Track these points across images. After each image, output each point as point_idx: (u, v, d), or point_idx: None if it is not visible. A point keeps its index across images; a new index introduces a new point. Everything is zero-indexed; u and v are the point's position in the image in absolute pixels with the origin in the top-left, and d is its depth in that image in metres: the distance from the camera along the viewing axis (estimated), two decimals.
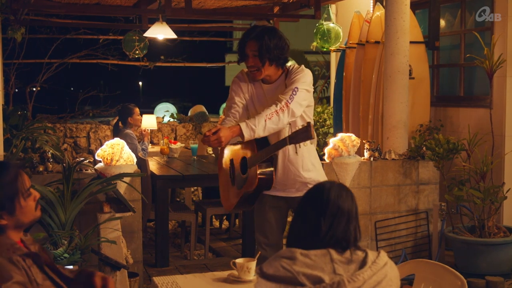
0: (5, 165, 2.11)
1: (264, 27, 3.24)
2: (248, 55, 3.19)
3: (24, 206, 2.11)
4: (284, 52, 3.20)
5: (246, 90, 3.31)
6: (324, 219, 1.87)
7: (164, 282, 2.69)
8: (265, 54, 3.14)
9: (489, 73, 4.96)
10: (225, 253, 5.76)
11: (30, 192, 2.14)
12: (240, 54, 3.24)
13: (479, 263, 4.67)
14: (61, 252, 3.68)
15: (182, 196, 7.75)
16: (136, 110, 6.32)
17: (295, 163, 3.28)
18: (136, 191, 4.37)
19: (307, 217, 1.91)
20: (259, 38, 3.14)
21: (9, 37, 6.30)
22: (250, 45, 3.17)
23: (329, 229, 1.86)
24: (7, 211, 2.07)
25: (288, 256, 1.84)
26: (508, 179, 5.17)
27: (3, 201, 2.06)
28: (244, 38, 3.21)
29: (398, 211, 5.10)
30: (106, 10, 7.51)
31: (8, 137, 4.45)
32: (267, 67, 3.19)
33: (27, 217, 2.13)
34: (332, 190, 1.91)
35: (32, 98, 8.57)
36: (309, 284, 1.79)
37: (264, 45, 3.13)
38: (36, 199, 2.16)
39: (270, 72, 3.22)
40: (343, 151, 4.77)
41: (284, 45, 3.21)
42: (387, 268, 1.87)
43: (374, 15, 6.26)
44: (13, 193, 2.08)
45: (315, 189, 1.95)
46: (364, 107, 6.27)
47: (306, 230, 1.89)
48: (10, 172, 2.09)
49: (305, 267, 1.81)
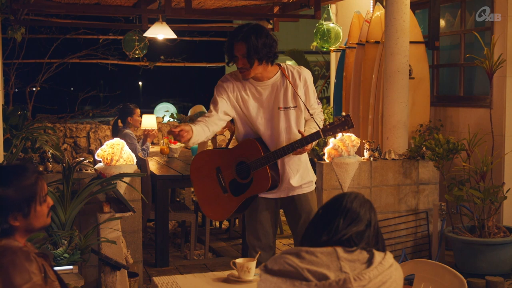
0: (27, 169, 2.15)
1: (250, 26, 3.20)
2: (237, 56, 3.18)
3: (38, 211, 2.14)
4: (272, 49, 3.19)
5: (231, 90, 3.28)
6: (343, 219, 1.88)
7: (164, 282, 2.68)
8: (254, 55, 3.13)
9: (489, 73, 4.95)
10: (225, 253, 5.76)
11: (46, 198, 2.18)
12: (229, 56, 3.23)
13: (479, 263, 4.67)
14: (61, 252, 3.68)
15: (182, 196, 7.75)
16: (137, 111, 6.32)
17: (291, 165, 3.29)
18: (136, 191, 4.37)
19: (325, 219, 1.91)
20: (246, 39, 3.13)
21: (9, 37, 6.30)
22: (238, 47, 3.16)
23: (345, 228, 1.87)
24: (22, 213, 2.10)
25: (293, 253, 1.85)
26: (508, 179, 5.17)
27: (21, 203, 2.09)
28: (231, 40, 3.19)
29: (398, 211, 5.10)
30: (106, 10, 7.51)
31: (8, 137, 4.45)
32: (256, 66, 3.18)
33: (39, 222, 2.16)
34: (356, 200, 1.93)
35: (32, 98, 8.58)
36: (315, 280, 1.79)
37: (252, 46, 3.12)
38: (49, 206, 2.20)
39: (260, 70, 3.21)
40: (343, 151, 4.77)
41: (272, 43, 3.20)
42: (392, 269, 1.88)
43: (374, 15, 6.27)
44: (31, 197, 2.12)
45: (338, 197, 1.97)
46: (364, 107, 6.27)
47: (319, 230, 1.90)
48: (32, 176, 2.13)
49: (310, 264, 1.81)
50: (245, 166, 3.27)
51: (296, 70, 3.30)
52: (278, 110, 3.26)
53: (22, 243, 2.13)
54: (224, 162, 3.35)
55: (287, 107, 3.26)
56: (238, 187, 3.31)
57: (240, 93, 3.28)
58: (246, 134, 3.34)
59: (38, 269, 2.03)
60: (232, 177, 3.32)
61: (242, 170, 3.28)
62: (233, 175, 3.31)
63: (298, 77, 3.27)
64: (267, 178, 3.20)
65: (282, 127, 3.26)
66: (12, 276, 1.96)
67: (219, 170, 3.36)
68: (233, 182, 3.32)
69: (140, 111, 6.58)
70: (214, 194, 3.39)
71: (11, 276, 1.96)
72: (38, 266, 2.05)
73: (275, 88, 3.26)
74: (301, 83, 3.26)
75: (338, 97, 6.93)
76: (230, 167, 3.32)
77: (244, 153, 3.27)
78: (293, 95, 3.25)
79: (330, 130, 3.07)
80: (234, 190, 3.32)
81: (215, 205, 3.42)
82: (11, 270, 1.97)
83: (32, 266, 2.02)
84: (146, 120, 7.45)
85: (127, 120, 6.27)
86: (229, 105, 3.28)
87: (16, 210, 2.08)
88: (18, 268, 1.98)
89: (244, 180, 3.28)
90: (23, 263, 2.00)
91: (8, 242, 2.07)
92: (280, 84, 3.27)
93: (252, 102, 3.28)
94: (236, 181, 3.31)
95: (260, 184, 3.22)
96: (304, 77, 3.28)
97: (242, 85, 3.29)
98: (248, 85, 3.28)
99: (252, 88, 3.28)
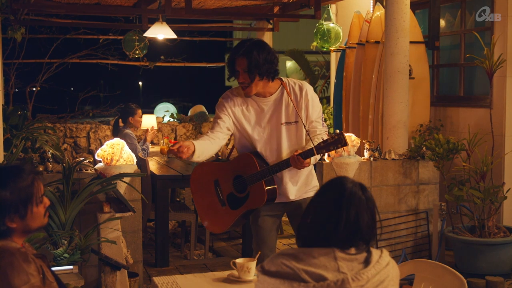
0: (23, 170, 2.14)
1: (252, 41, 3.22)
2: (238, 71, 3.19)
3: (35, 212, 2.14)
4: (273, 65, 3.20)
5: (232, 105, 3.28)
6: (347, 212, 1.82)
7: (164, 282, 2.68)
8: (255, 70, 3.14)
9: (489, 73, 4.95)
10: (225, 253, 5.76)
11: (43, 199, 2.18)
12: (230, 70, 3.24)
13: (479, 263, 4.67)
14: (61, 252, 3.68)
15: (182, 196, 7.74)
16: (138, 112, 6.32)
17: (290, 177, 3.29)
18: (136, 191, 4.37)
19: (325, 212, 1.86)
20: (248, 54, 3.13)
21: (9, 37, 6.31)
22: (240, 62, 3.16)
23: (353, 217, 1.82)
24: (19, 215, 2.10)
25: (290, 254, 1.84)
26: (508, 179, 5.17)
27: (17, 204, 2.09)
28: (233, 55, 3.20)
29: (398, 211, 5.10)
30: (106, 10, 7.51)
31: (8, 137, 4.45)
32: (257, 81, 3.18)
33: (36, 223, 2.16)
34: (354, 186, 1.87)
35: (32, 98, 8.58)
36: (312, 281, 1.78)
37: (253, 61, 3.12)
38: (46, 206, 2.19)
39: (261, 85, 3.21)
40: (343, 151, 4.77)
41: (274, 59, 3.20)
42: (389, 268, 1.87)
43: (374, 15, 6.27)
44: (27, 198, 2.11)
45: (334, 184, 1.90)
46: (364, 107, 6.27)
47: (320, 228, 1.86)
48: (28, 177, 2.12)
49: (307, 265, 1.80)
50: (242, 180, 3.27)
51: (298, 85, 3.28)
52: (280, 126, 3.26)
53: (20, 244, 2.13)
54: (222, 175, 3.36)
55: (289, 122, 3.26)
56: (235, 200, 3.31)
57: (241, 108, 3.28)
58: (245, 147, 3.34)
59: (36, 270, 2.03)
60: (230, 191, 3.33)
61: (239, 184, 3.29)
62: (230, 188, 3.32)
63: (300, 92, 3.26)
64: (263, 193, 3.20)
65: (283, 142, 3.26)
66: (10, 278, 1.96)
67: (217, 183, 3.37)
68: (231, 196, 3.32)
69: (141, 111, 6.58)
70: (212, 207, 3.40)
71: (9, 278, 1.96)
72: (36, 267, 2.04)
73: (276, 103, 3.26)
74: (302, 98, 3.26)
75: (338, 97, 6.93)
76: (228, 181, 3.33)
77: (241, 167, 3.28)
78: (294, 110, 3.24)
79: (324, 148, 3.06)
80: (232, 204, 3.32)
81: (213, 217, 3.43)
82: (10, 272, 1.97)
83: (31, 267, 2.01)
84: (146, 120, 7.47)
85: (128, 120, 6.27)
86: (231, 121, 3.29)
87: (13, 211, 2.08)
88: (17, 269, 1.98)
89: (241, 194, 3.28)
90: (21, 265, 2.00)
91: (6, 243, 2.07)
92: (281, 99, 3.26)
93: (254, 117, 3.28)
94: (234, 194, 3.31)
95: (256, 198, 3.23)
96: (305, 92, 3.26)
97: (244, 101, 3.29)
98: (250, 101, 3.29)
99: (254, 104, 3.28)
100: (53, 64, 8.70)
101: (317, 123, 3.30)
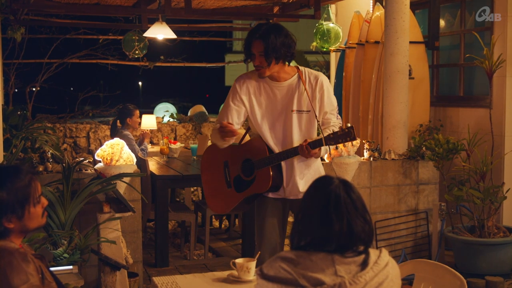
0: (20, 170, 2.15)
1: (269, 25, 3.18)
2: (255, 54, 3.16)
3: (32, 213, 2.14)
4: (290, 50, 3.17)
5: (246, 92, 3.27)
6: (336, 215, 1.81)
7: (164, 282, 2.68)
8: (272, 54, 3.10)
9: (489, 73, 4.95)
10: (225, 253, 5.76)
11: (40, 199, 2.17)
12: (246, 53, 3.20)
13: (479, 263, 4.67)
14: (60, 252, 3.68)
15: (182, 196, 7.75)
16: (136, 112, 6.30)
17: (298, 169, 3.28)
18: (136, 191, 4.37)
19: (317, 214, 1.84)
20: (265, 37, 3.10)
21: (9, 37, 6.30)
22: (256, 45, 3.13)
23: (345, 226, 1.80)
24: (16, 215, 2.10)
25: (288, 258, 1.83)
26: (508, 179, 5.17)
27: (15, 205, 2.09)
28: (249, 37, 3.17)
29: (398, 211, 5.10)
30: (106, 10, 7.51)
31: (8, 137, 4.44)
32: (273, 65, 3.16)
33: (33, 223, 2.16)
34: (340, 186, 1.84)
35: (32, 98, 8.57)
36: (310, 286, 1.77)
37: (271, 45, 3.09)
38: (44, 206, 2.19)
39: (276, 69, 3.19)
40: (343, 151, 4.77)
41: (291, 43, 3.17)
42: (388, 268, 1.86)
43: (374, 15, 6.27)
44: (25, 198, 2.11)
45: (321, 185, 1.87)
46: (364, 107, 6.27)
47: (314, 229, 1.84)
48: (25, 177, 2.13)
49: (305, 269, 1.79)
50: (250, 164, 3.27)
51: (314, 75, 3.26)
52: (291, 113, 3.23)
53: (18, 244, 2.13)
54: (232, 157, 3.36)
55: (300, 111, 3.23)
56: (241, 183, 3.32)
57: (255, 93, 3.26)
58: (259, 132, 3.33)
59: (35, 270, 2.03)
60: (237, 173, 3.33)
61: (247, 167, 3.29)
62: (238, 171, 3.32)
63: (315, 82, 3.24)
64: (268, 178, 3.20)
65: (294, 130, 3.24)
66: (9, 278, 1.96)
67: (227, 164, 3.38)
68: (238, 178, 3.33)
69: (140, 111, 6.57)
70: (219, 187, 3.41)
71: (8, 278, 1.96)
72: (35, 267, 2.05)
73: (290, 90, 3.24)
74: (317, 88, 3.24)
75: (338, 97, 6.88)
76: (237, 163, 3.33)
77: (252, 150, 3.28)
78: (307, 100, 3.22)
79: (332, 140, 3.05)
80: (238, 186, 3.33)
81: (218, 198, 3.44)
82: (9, 272, 1.97)
83: (30, 267, 2.02)
84: (146, 120, 7.46)
85: (126, 121, 6.26)
86: (242, 111, 3.28)
87: (10, 212, 2.08)
88: (16, 269, 1.98)
89: (248, 178, 3.29)
90: (21, 264, 2.00)
91: (5, 243, 2.07)
92: (296, 87, 3.24)
93: (266, 102, 3.26)
94: (240, 177, 3.31)
95: (261, 183, 3.23)
96: (320, 83, 3.23)
97: (257, 84, 3.27)
98: (264, 84, 3.26)
99: (267, 88, 3.26)
100: (52, 64, 8.69)
101: (332, 115, 3.28)
